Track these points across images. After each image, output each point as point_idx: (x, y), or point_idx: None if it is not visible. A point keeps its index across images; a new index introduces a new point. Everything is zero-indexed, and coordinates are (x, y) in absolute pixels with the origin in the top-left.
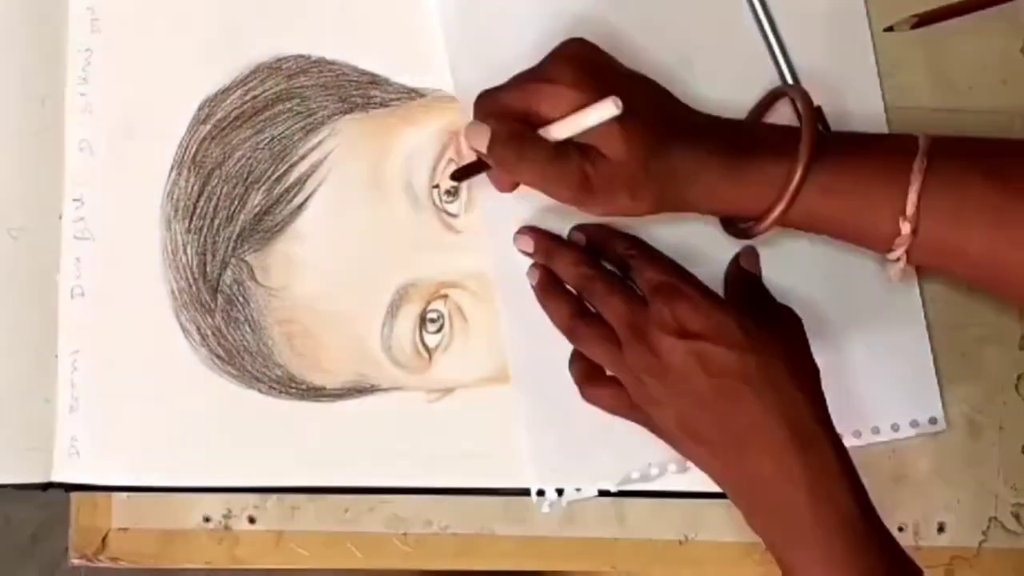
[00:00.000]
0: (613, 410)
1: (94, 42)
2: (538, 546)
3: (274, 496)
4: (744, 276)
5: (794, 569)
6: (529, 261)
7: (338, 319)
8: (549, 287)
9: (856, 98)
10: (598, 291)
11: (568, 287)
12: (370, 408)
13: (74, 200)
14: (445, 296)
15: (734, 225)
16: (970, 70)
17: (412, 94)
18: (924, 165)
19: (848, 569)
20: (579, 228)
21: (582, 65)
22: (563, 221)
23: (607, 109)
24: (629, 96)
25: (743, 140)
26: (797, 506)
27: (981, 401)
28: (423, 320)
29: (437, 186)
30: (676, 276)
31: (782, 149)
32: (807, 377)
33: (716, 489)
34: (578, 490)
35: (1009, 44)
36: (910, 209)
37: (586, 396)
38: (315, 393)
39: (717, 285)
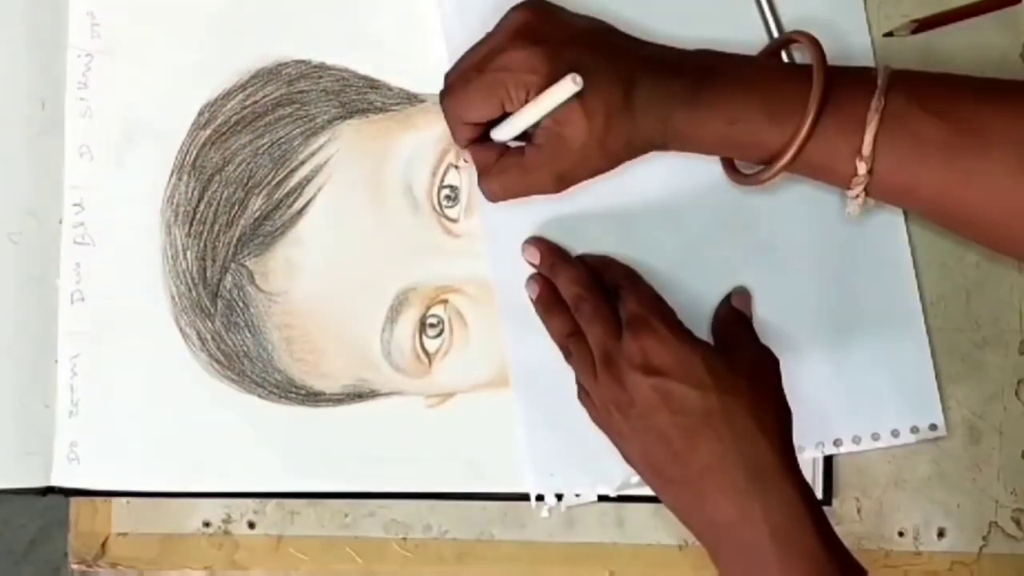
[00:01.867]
0: (598, 425)
1: (94, 47)
2: (537, 551)
3: (273, 501)
4: (733, 316)
5: None
6: (529, 268)
7: (338, 324)
8: (549, 302)
9: None
10: (585, 314)
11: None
12: (370, 413)
13: (74, 205)
14: (445, 301)
15: (737, 172)
16: (970, 74)
17: (412, 99)
18: (881, 104)
19: None
20: (583, 256)
21: (532, 39)
22: (567, 228)
23: (566, 88)
24: (583, 59)
25: (708, 75)
26: (761, 551)
27: (981, 406)
28: (423, 325)
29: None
30: (652, 309)
31: (766, 86)
32: (773, 419)
33: None
34: (577, 495)
35: (1009, 48)
36: (866, 149)
37: (582, 402)
38: (315, 398)
39: (713, 287)
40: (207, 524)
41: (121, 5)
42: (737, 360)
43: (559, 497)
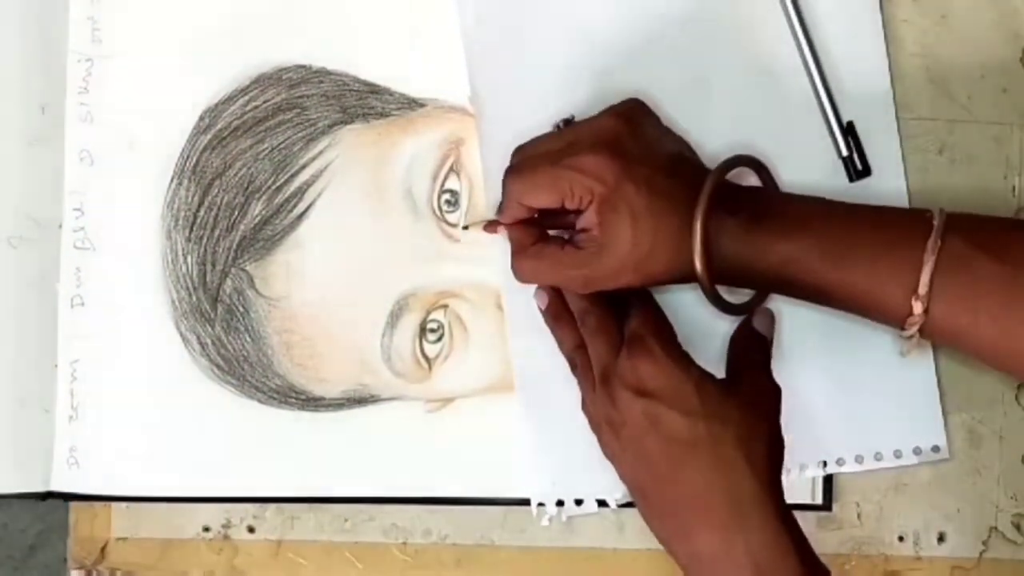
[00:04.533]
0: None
1: (95, 52)
2: (537, 556)
3: (273, 506)
4: (751, 336)
5: None
6: None
7: (338, 329)
8: (558, 313)
9: (871, 112)
10: (589, 327)
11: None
12: (370, 418)
13: (74, 210)
14: (445, 306)
15: (721, 300)
16: (970, 79)
17: (412, 104)
18: (938, 245)
19: None
20: None
21: (613, 150)
22: None
23: None
24: (652, 182)
25: (764, 214)
26: None
27: (981, 411)
28: (423, 330)
29: (465, 226)
30: (653, 331)
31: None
32: (761, 449)
33: None
34: (578, 503)
35: (1009, 53)
36: (922, 289)
37: (584, 412)
38: (315, 403)
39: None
40: (207, 529)
41: (122, 10)
42: (734, 388)
43: (560, 503)
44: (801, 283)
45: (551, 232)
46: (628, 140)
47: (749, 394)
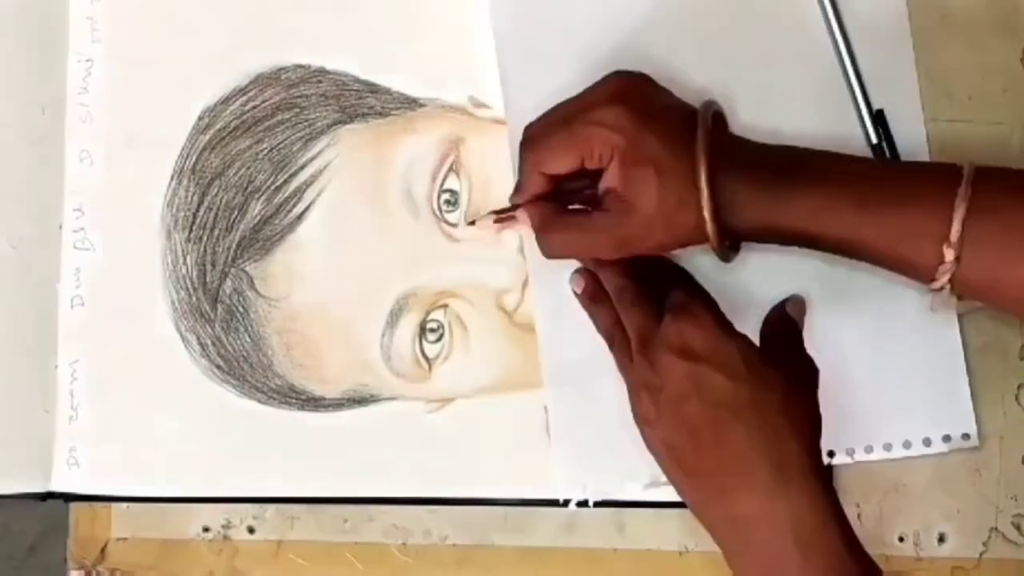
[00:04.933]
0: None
1: (94, 52)
2: (537, 556)
3: (273, 506)
4: (784, 321)
5: None
6: (569, 268)
7: (338, 329)
8: (595, 293)
9: (896, 98)
10: (625, 300)
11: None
12: (369, 418)
13: (74, 210)
14: (445, 306)
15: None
16: (970, 80)
17: (412, 103)
18: (969, 192)
19: None
20: None
21: (627, 101)
22: None
23: None
24: (672, 131)
25: (792, 169)
26: (783, 548)
27: (981, 411)
28: (423, 330)
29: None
30: (697, 297)
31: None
32: (804, 419)
33: None
34: (603, 497)
35: (1009, 53)
36: (954, 236)
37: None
38: (315, 403)
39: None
40: (207, 529)
41: (121, 10)
42: (776, 358)
43: (583, 504)
44: (830, 235)
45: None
46: (642, 95)
47: (791, 366)
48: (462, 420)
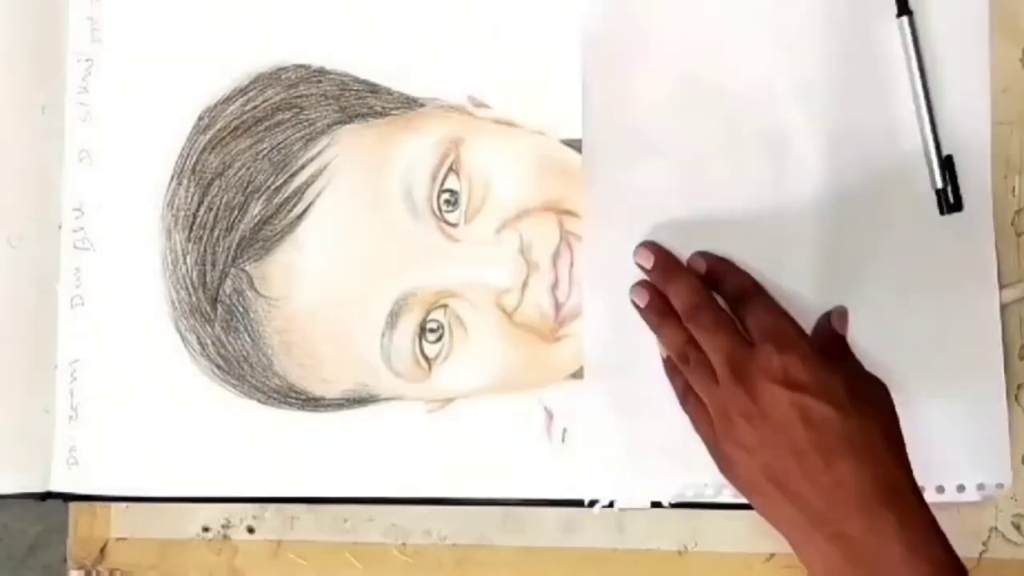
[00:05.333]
0: (701, 434)
1: (94, 52)
2: (537, 556)
3: (273, 506)
4: (833, 334)
5: None
6: (622, 272)
7: (338, 329)
8: (663, 310)
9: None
10: (705, 323)
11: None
12: (369, 418)
13: (74, 210)
14: (445, 306)
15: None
16: None
17: (412, 103)
18: None
19: None
20: (701, 255)
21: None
22: (677, 237)
23: None
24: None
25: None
26: (891, 561)
27: None
28: (423, 330)
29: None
30: (788, 324)
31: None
32: (897, 445)
33: (715, 500)
34: (629, 502)
35: (1009, 53)
36: None
37: (686, 409)
38: (314, 403)
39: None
40: (206, 529)
41: (121, 10)
42: (866, 387)
43: (611, 505)
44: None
45: None
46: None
47: (878, 392)
48: (462, 420)
